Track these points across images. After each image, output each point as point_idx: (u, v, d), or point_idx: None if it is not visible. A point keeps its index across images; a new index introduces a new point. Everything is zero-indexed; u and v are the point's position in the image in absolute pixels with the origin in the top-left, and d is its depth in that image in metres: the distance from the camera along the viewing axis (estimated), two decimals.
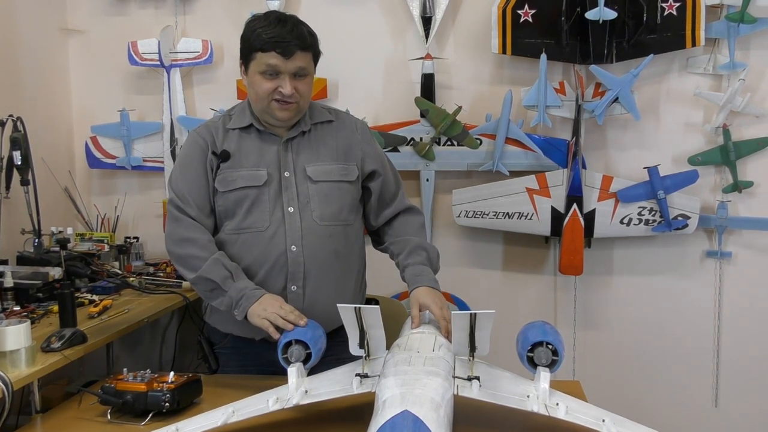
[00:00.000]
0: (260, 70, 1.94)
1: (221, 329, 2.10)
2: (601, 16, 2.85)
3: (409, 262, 2.00)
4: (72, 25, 3.36)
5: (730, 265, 3.15)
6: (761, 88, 3.05)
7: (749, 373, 3.18)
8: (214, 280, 1.91)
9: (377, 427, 1.26)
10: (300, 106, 1.99)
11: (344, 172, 2.04)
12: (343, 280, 2.05)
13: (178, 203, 2.01)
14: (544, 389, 1.50)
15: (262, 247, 1.97)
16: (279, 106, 1.96)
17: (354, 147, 2.08)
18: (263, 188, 1.98)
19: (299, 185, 2.00)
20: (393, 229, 2.13)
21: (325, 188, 2.01)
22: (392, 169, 2.17)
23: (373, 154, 2.10)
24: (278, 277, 1.97)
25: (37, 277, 2.47)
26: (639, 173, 3.05)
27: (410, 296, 1.91)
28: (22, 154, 2.62)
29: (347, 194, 2.04)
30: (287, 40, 1.90)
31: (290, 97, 1.94)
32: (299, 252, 1.96)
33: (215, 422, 1.56)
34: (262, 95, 1.95)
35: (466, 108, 3.11)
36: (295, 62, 1.92)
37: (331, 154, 2.05)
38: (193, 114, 3.30)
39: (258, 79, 1.95)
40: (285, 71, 1.92)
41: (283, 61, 1.91)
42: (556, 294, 3.27)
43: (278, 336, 1.78)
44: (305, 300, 1.97)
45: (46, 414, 1.86)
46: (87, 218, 3.26)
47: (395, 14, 3.18)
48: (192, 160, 2.03)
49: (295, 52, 1.91)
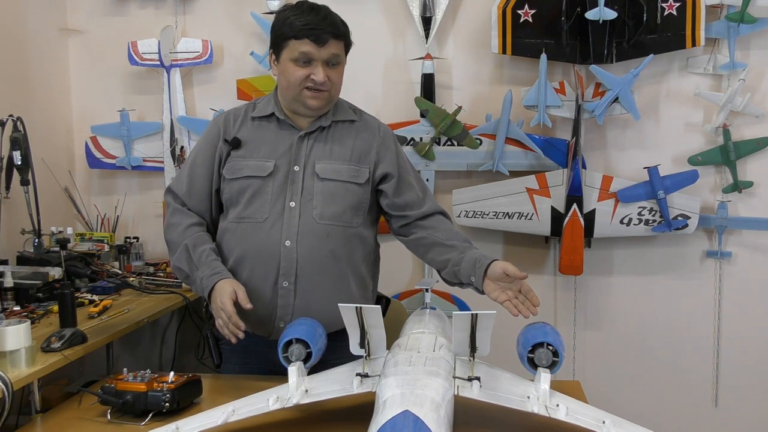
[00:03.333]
0: (293, 57, 1.93)
1: None
2: (601, 16, 2.86)
3: (468, 251, 1.95)
4: (72, 25, 3.36)
5: (730, 265, 3.16)
6: (761, 88, 3.06)
7: (749, 373, 3.18)
8: (183, 269, 1.98)
9: (378, 426, 1.26)
10: (331, 95, 1.99)
11: (354, 174, 2.02)
12: (342, 283, 2.00)
13: (170, 188, 2.09)
14: (544, 390, 1.50)
15: (257, 238, 1.96)
16: (311, 94, 1.96)
17: (371, 150, 2.05)
18: (267, 179, 1.98)
19: (306, 181, 1.98)
20: (428, 225, 2.06)
21: (331, 187, 1.99)
22: (416, 178, 2.12)
23: (389, 159, 2.06)
24: (270, 271, 1.96)
25: (37, 277, 2.47)
26: (639, 173, 3.05)
27: (492, 267, 1.86)
28: (22, 154, 2.62)
29: (354, 196, 2.01)
30: (321, 27, 1.91)
31: (322, 85, 1.94)
32: (293, 248, 1.95)
33: (215, 421, 1.56)
34: (294, 83, 1.95)
35: (466, 108, 3.11)
36: (329, 50, 1.93)
37: (346, 154, 2.03)
38: (193, 114, 3.30)
39: (290, 66, 1.95)
40: (318, 58, 1.92)
41: (316, 48, 1.91)
42: (556, 294, 3.27)
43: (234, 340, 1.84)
44: (296, 298, 1.96)
45: (46, 414, 1.86)
46: (87, 218, 3.26)
47: (395, 14, 3.18)
48: (201, 145, 2.09)
49: (328, 39, 1.92)
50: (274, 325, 1.98)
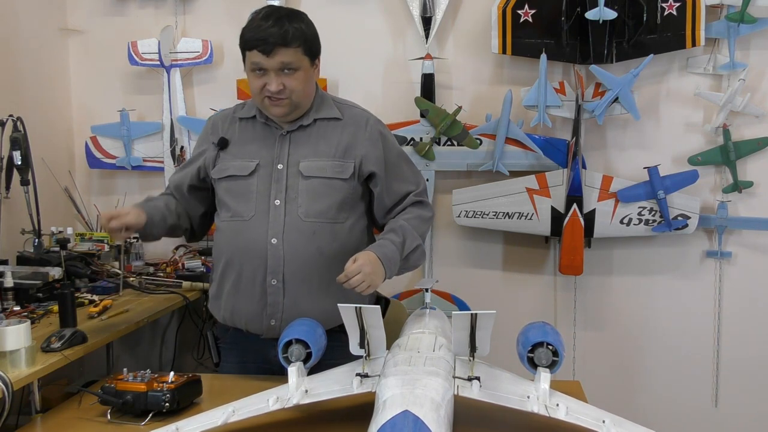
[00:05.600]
0: (249, 68, 1.97)
1: (229, 322, 2.08)
2: (601, 16, 2.85)
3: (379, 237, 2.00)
4: (72, 25, 3.36)
5: (730, 265, 3.16)
6: (761, 88, 3.05)
7: (749, 373, 3.18)
8: None
9: (377, 426, 1.27)
10: (293, 101, 1.98)
11: (339, 169, 2.01)
12: (331, 281, 1.90)
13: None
14: (544, 390, 1.50)
15: (244, 236, 1.98)
16: (270, 103, 1.97)
17: (356, 145, 2.04)
18: (250, 178, 2.00)
19: (290, 179, 1.99)
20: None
21: (315, 184, 1.99)
22: (408, 169, 2.12)
23: (375, 156, 2.04)
24: (258, 269, 1.97)
25: (37, 277, 2.47)
26: (639, 173, 3.05)
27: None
28: (22, 154, 2.62)
29: (339, 192, 2.01)
30: (265, 38, 1.90)
31: (278, 93, 1.94)
32: (279, 246, 1.96)
33: (215, 422, 1.56)
34: (255, 92, 1.99)
35: (466, 108, 3.11)
36: (277, 59, 1.92)
37: (330, 151, 2.02)
38: (193, 114, 3.30)
39: (250, 76, 1.98)
40: (269, 68, 1.93)
41: (264, 58, 1.92)
42: (556, 294, 3.27)
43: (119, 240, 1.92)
44: (285, 295, 1.97)
45: (46, 414, 1.86)
46: (87, 218, 3.26)
47: (395, 14, 3.18)
48: (196, 144, 2.21)
49: (274, 48, 1.91)
50: (265, 323, 1.99)
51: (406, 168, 2.13)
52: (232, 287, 2.02)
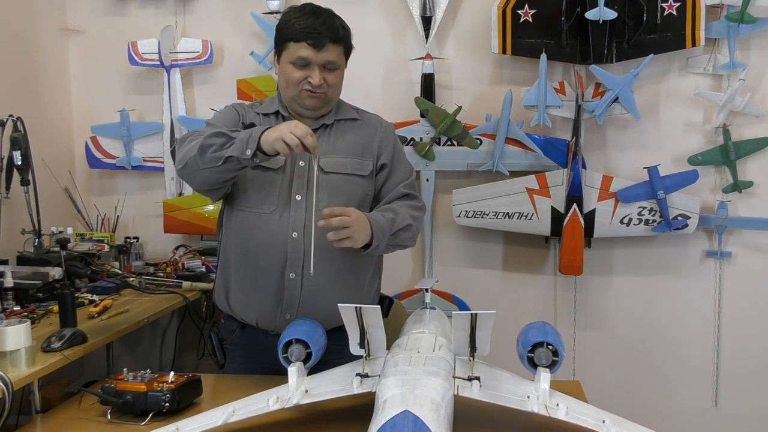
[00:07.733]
0: (291, 59, 1.98)
1: (239, 316, 2.07)
2: (601, 16, 2.86)
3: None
4: (72, 25, 3.36)
5: (730, 265, 3.16)
6: (761, 88, 3.05)
7: (749, 373, 3.18)
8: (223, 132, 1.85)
9: (377, 427, 1.26)
10: (328, 96, 2.02)
11: (358, 167, 2.05)
12: (348, 277, 2.03)
13: (193, 131, 1.99)
14: (544, 390, 1.50)
15: (265, 229, 1.98)
16: (308, 94, 2.00)
17: (373, 143, 2.09)
18: (278, 172, 2.00)
19: (311, 174, 1.99)
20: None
21: (335, 180, 2.01)
22: (408, 168, 2.16)
23: (388, 151, 2.11)
24: (277, 262, 1.97)
25: (37, 277, 2.48)
26: (639, 173, 3.05)
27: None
28: (22, 154, 2.62)
29: (358, 188, 2.04)
30: (319, 32, 1.94)
31: (319, 87, 1.98)
32: (300, 239, 1.96)
33: (215, 422, 1.56)
34: (292, 83, 1.99)
35: (466, 108, 3.11)
36: (325, 54, 1.96)
37: (349, 149, 2.06)
38: (193, 114, 3.30)
39: (289, 67, 1.99)
40: (315, 62, 1.96)
41: (313, 52, 1.95)
42: (556, 294, 3.27)
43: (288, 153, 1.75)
44: (303, 289, 1.97)
45: (46, 414, 1.86)
46: (87, 218, 3.26)
47: (395, 14, 3.19)
48: (221, 119, 2.04)
49: (325, 44, 1.95)
50: (279, 317, 1.99)
51: (405, 165, 2.17)
52: (246, 280, 2.03)
